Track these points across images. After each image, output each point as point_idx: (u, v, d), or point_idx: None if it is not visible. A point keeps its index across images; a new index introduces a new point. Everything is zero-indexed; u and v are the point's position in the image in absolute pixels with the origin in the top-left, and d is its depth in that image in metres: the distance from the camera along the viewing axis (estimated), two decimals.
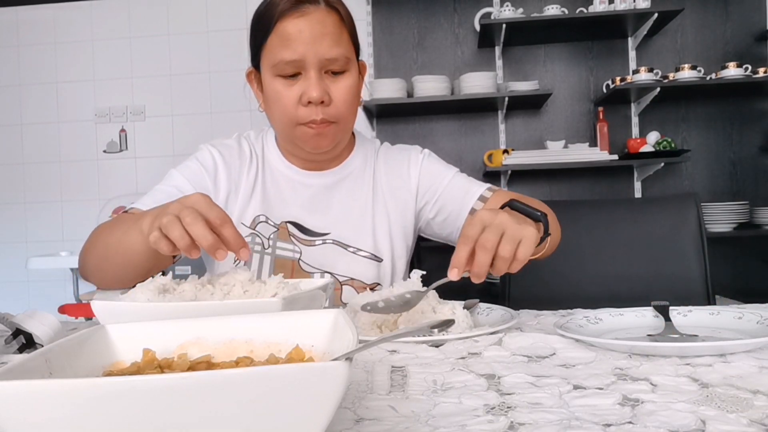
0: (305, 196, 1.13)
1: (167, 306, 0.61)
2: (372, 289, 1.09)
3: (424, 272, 0.87)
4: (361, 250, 1.11)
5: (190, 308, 0.60)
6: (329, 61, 1.00)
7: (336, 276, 1.10)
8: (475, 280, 0.76)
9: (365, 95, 3.25)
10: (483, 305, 0.95)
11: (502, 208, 0.83)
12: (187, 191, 1.05)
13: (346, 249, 1.11)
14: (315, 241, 1.11)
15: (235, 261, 1.09)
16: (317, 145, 1.06)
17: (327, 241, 1.11)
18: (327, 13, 1.00)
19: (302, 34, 0.98)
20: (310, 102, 1.00)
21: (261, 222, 1.11)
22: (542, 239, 0.83)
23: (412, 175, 1.16)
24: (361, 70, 1.11)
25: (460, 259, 0.76)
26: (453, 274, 0.76)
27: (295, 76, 1.01)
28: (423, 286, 0.86)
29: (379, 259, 1.12)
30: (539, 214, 0.83)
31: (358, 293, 1.04)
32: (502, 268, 0.76)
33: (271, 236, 1.10)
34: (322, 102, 1.00)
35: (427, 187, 1.16)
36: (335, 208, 1.14)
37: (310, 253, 1.10)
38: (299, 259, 1.10)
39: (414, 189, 1.16)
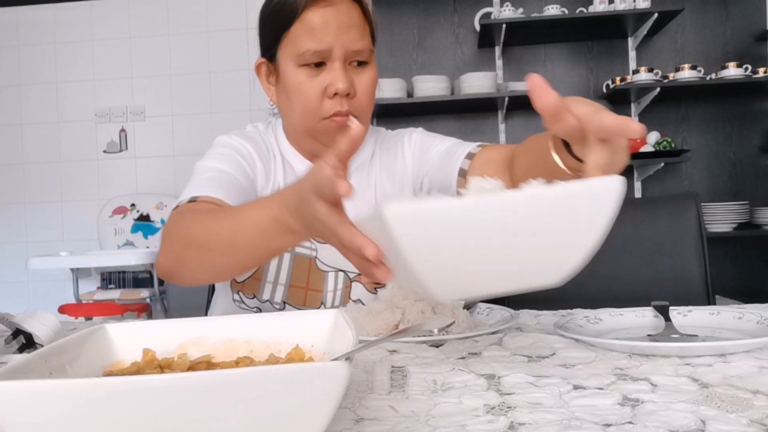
0: None
1: None
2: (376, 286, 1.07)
3: None
4: None
5: None
6: (355, 53, 0.97)
7: (348, 273, 1.07)
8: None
9: None
10: (483, 305, 0.95)
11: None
12: (230, 173, 0.99)
13: None
14: None
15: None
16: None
17: None
18: (352, 4, 0.98)
19: (329, 25, 0.95)
20: (336, 94, 0.97)
21: None
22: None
23: (407, 158, 1.11)
24: None
25: None
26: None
27: (318, 66, 0.98)
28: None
29: None
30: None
31: (367, 290, 1.03)
32: None
33: None
34: (348, 94, 0.97)
35: (419, 163, 1.09)
36: (347, 205, 1.10)
37: (325, 251, 1.07)
38: (315, 257, 1.08)
39: (410, 171, 1.10)
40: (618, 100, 3.18)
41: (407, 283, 0.52)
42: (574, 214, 0.47)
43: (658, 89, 2.93)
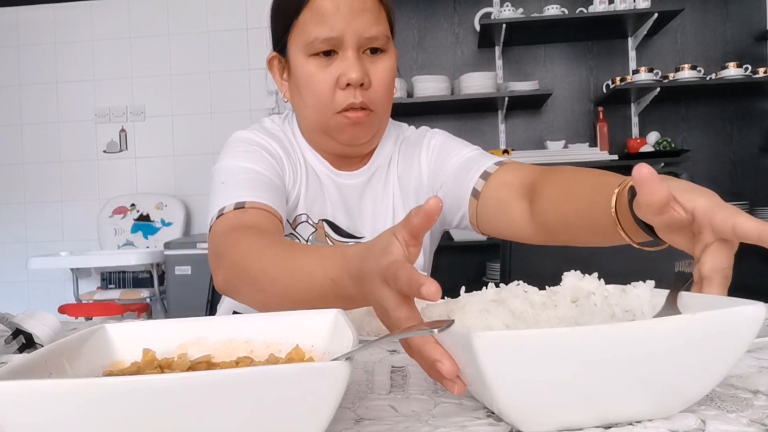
0: (339, 195, 1.03)
1: None
2: None
3: None
4: None
5: None
6: (369, 39, 0.90)
7: None
8: None
9: None
10: None
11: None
12: (266, 174, 0.92)
13: None
14: (348, 242, 1.02)
15: None
16: (354, 137, 0.96)
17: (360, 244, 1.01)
18: None
19: (339, 10, 0.89)
20: (348, 85, 0.90)
21: (302, 222, 1.01)
22: None
23: (423, 166, 1.04)
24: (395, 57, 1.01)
25: None
26: None
27: (329, 55, 0.91)
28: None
29: None
30: None
31: None
32: None
33: (310, 238, 1.01)
34: (362, 85, 0.91)
35: (434, 173, 1.02)
36: (367, 210, 1.05)
37: None
38: None
39: (425, 182, 1.03)
40: (618, 100, 3.18)
41: (486, 404, 0.48)
42: (706, 346, 0.42)
43: (658, 89, 2.93)
